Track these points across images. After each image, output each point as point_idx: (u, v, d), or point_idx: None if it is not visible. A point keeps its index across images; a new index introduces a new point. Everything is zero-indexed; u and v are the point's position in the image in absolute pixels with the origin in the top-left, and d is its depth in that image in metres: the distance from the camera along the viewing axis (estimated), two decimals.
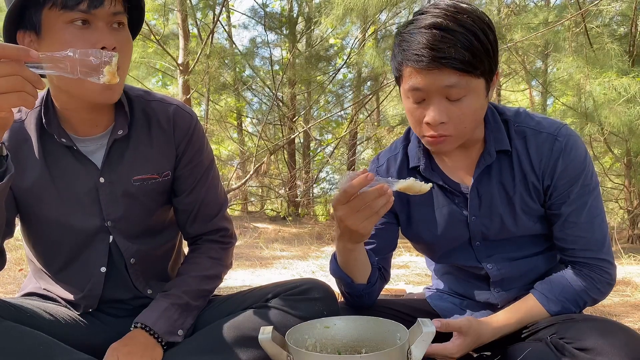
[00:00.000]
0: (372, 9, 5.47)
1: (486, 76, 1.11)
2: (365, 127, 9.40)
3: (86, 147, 1.21)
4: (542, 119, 1.24)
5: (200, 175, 1.32)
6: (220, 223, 1.36)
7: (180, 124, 1.27)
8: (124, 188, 1.23)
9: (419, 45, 1.07)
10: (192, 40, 7.06)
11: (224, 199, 1.40)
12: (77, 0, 1.03)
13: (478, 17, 1.09)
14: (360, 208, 1.05)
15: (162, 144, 1.26)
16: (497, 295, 1.31)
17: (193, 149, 1.29)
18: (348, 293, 1.30)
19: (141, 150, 1.24)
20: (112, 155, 1.22)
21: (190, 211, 1.33)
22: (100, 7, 1.05)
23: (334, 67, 8.72)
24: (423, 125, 1.14)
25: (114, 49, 1.05)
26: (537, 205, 1.22)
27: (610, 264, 1.21)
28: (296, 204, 8.57)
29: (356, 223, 1.06)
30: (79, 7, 1.03)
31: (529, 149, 1.21)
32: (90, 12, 1.04)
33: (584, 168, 1.19)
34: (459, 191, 1.26)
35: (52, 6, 1.03)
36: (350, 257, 1.23)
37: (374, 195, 1.03)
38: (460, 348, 1.15)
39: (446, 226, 1.29)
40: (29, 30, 1.07)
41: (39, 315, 1.16)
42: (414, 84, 1.10)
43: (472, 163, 1.26)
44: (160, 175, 1.27)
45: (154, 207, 1.29)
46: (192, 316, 1.25)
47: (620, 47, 5.14)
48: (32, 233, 1.26)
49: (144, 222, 1.28)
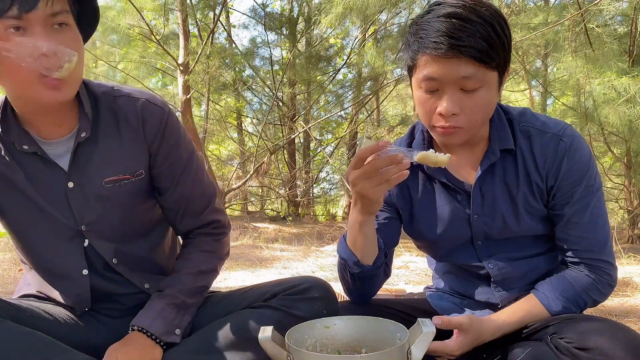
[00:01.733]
0: (372, 8, 5.47)
1: (500, 70, 1.12)
2: (365, 127, 9.40)
3: (53, 150, 1.16)
4: (547, 119, 1.24)
5: (180, 170, 1.25)
6: (210, 216, 1.32)
7: (149, 119, 1.19)
8: (96, 191, 1.18)
9: (437, 33, 1.07)
10: (192, 40, 7.06)
11: (212, 191, 1.34)
12: (5, 6, 0.94)
13: (495, 10, 1.10)
14: (372, 174, 1.06)
15: (132, 142, 1.19)
16: (497, 294, 1.31)
17: (168, 144, 1.22)
18: (352, 275, 1.28)
19: (110, 151, 1.18)
20: (79, 158, 1.17)
21: (177, 209, 1.28)
22: (34, 10, 0.96)
23: (334, 67, 8.72)
24: (434, 116, 1.14)
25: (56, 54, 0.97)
26: (540, 205, 1.22)
27: (612, 266, 1.21)
28: (296, 204, 8.57)
29: (366, 187, 1.08)
30: (8, 14, 0.95)
31: (533, 148, 1.21)
32: (22, 17, 0.96)
33: (588, 169, 1.19)
34: (462, 189, 1.26)
35: None
36: (360, 231, 1.21)
37: (386, 162, 1.05)
38: (460, 346, 1.15)
39: (448, 224, 1.29)
40: None
41: (38, 315, 1.16)
42: (430, 72, 1.10)
43: (476, 161, 1.26)
44: (133, 175, 1.21)
45: (133, 207, 1.24)
46: (189, 314, 1.24)
47: (620, 47, 5.14)
48: (12, 234, 1.24)
49: (125, 224, 1.24)
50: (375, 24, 7.63)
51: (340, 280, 1.37)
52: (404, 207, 1.35)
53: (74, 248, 1.21)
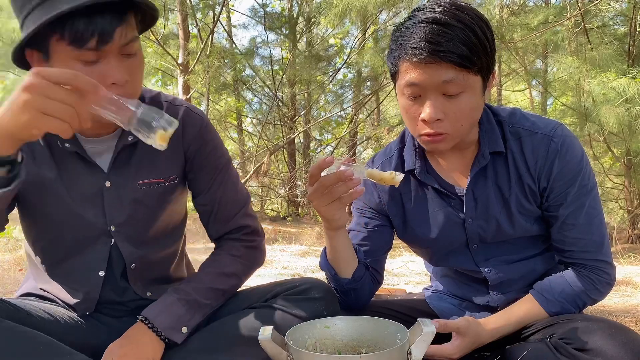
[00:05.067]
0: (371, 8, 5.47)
1: (483, 74, 1.11)
2: (365, 127, 9.40)
3: (92, 148, 1.18)
4: (537, 119, 1.22)
5: (215, 175, 1.29)
6: (242, 221, 1.33)
7: (189, 125, 1.24)
8: (130, 192, 1.21)
9: (417, 39, 1.06)
10: (192, 40, 7.06)
11: (245, 197, 1.36)
12: (86, 38, 0.96)
13: (476, 14, 1.09)
14: (323, 192, 1.07)
15: (170, 147, 1.20)
16: (496, 298, 1.31)
17: (205, 150, 1.27)
18: (334, 288, 1.29)
19: (148, 155, 1.21)
20: (119, 159, 1.19)
21: (210, 211, 1.31)
22: (110, 42, 0.98)
23: (334, 67, 8.72)
24: (419, 123, 1.13)
25: (127, 82, 1.02)
26: (533, 206, 1.21)
27: (609, 265, 1.20)
28: (296, 204, 8.57)
29: (320, 205, 1.10)
30: (87, 46, 0.97)
31: (524, 150, 1.19)
32: (100, 49, 0.98)
33: (580, 169, 1.17)
34: (454, 194, 1.25)
35: (59, 39, 0.97)
36: (332, 245, 1.23)
37: (332, 180, 1.05)
38: (459, 349, 1.15)
39: (442, 229, 1.28)
40: (38, 51, 1.03)
41: (38, 315, 1.16)
42: (411, 78, 1.09)
43: (467, 165, 1.25)
44: (167, 180, 1.25)
45: (159, 211, 1.26)
46: (200, 314, 1.22)
47: (620, 47, 5.14)
48: (33, 229, 1.24)
49: (148, 227, 1.26)
50: (375, 24, 7.63)
51: None
52: (396, 213, 1.33)
53: (100, 248, 1.22)
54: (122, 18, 0.99)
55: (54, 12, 0.94)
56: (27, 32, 0.98)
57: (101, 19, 0.96)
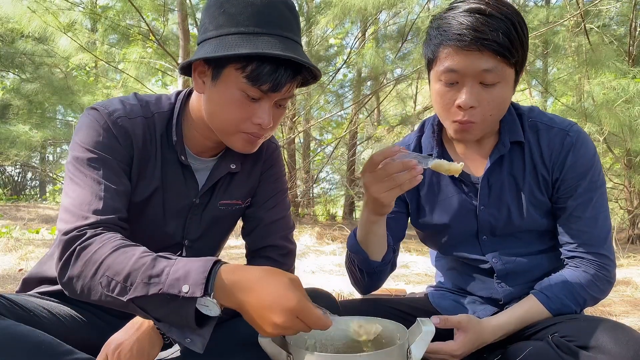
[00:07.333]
0: (370, 8, 5.47)
1: (517, 67, 1.15)
2: (365, 127, 9.40)
3: (195, 165, 1.25)
4: (554, 117, 1.28)
5: (274, 194, 1.37)
6: (281, 242, 1.35)
7: (268, 155, 1.35)
8: (211, 211, 1.28)
9: (461, 26, 1.10)
10: (192, 40, 7.06)
11: (291, 225, 1.41)
12: (264, 81, 1.04)
13: (514, 9, 1.14)
14: (384, 178, 1.08)
15: (252, 171, 1.32)
16: (500, 290, 1.32)
17: (273, 171, 1.36)
18: (360, 270, 1.32)
19: (233, 178, 1.29)
20: (211, 179, 1.26)
21: (257, 225, 1.34)
22: (278, 92, 1.07)
23: (334, 67, 8.72)
24: (452, 109, 1.16)
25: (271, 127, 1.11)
26: (545, 197, 1.25)
27: (610, 261, 1.22)
28: (296, 204, 8.57)
29: (378, 191, 1.10)
30: (261, 87, 1.05)
31: (540, 142, 1.24)
32: (267, 94, 1.07)
33: (592, 164, 1.22)
34: (469, 181, 1.29)
35: (239, 69, 1.04)
36: (370, 230, 1.24)
37: (399, 167, 1.06)
38: (462, 344, 1.15)
39: (455, 215, 1.31)
40: (208, 68, 1.09)
41: (40, 313, 1.15)
42: (451, 64, 1.12)
43: (484, 155, 1.29)
44: (243, 202, 1.33)
45: (229, 231, 1.35)
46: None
47: (620, 48, 5.14)
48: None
49: (215, 244, 1.33)
50: (375, 24, 7.63)
51: (348, 273, 1.40)
52: (411, 198, 1.37)
53: None
54: (295, 77, 1.09)
55: (257, 49, 1.02)
56: (217, 51, 1.04)
57: (283, 72, 1.05)
